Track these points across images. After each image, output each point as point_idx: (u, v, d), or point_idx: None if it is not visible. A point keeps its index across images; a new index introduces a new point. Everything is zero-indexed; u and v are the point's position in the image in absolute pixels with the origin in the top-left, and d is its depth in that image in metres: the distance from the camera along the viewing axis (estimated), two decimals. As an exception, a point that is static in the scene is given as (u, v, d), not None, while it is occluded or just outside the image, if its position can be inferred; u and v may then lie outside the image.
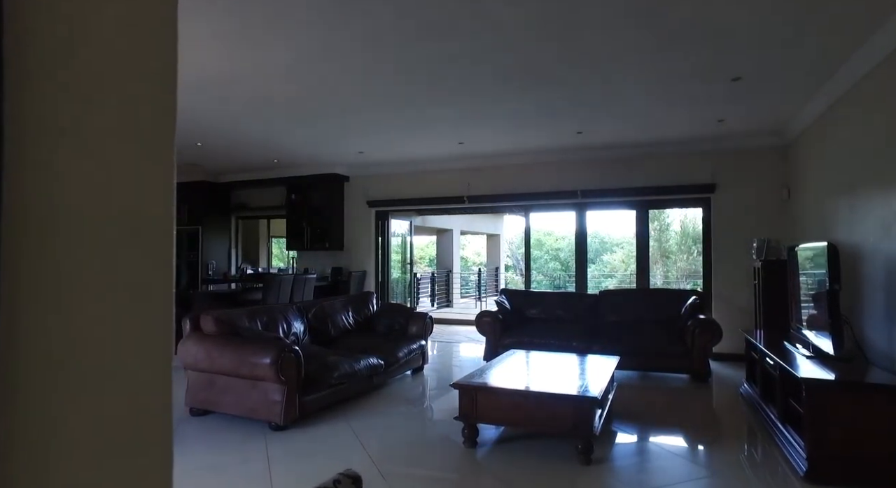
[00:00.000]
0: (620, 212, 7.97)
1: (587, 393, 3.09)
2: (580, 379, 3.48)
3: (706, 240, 6.40)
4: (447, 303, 12.40)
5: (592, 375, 3.57)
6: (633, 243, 7.31)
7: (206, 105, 4.74)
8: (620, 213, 17.38)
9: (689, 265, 13.84)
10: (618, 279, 16.30)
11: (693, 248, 13.72)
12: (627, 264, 15.90)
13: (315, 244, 7.99)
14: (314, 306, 5.12)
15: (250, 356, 3.62)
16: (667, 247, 15.39)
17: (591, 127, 5.58)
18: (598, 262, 23.95)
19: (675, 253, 14.91)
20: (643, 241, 6.88)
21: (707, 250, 6.39)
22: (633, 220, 6.92)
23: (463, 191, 7.45)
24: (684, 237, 14.28)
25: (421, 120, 5.27)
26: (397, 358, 4.88)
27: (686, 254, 13.92)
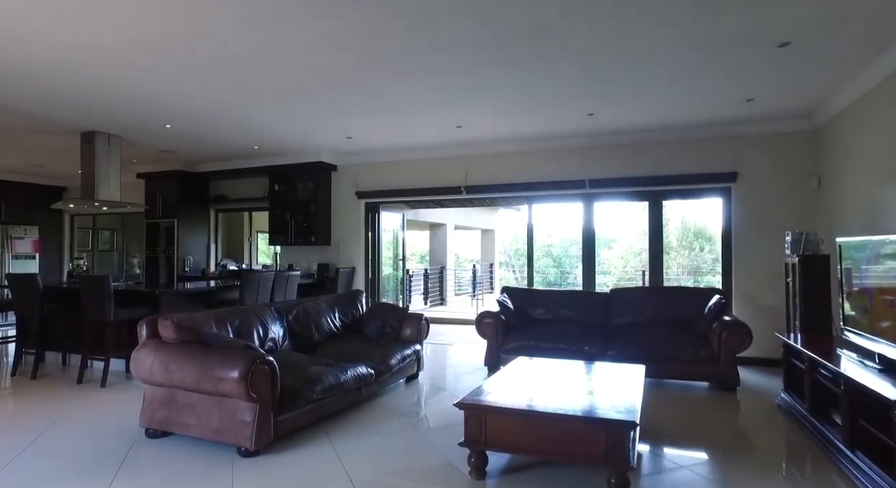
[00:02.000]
0: (625, 204, 7.42)
1: (623, 416, 2.55)
2: (608, 396, 2.93)
3: (726, 233, 5.89)
4: (441, 301, 11.85)
5: (621, 390, 3.03)
6: (631, 238, 6.78)
7: (165, 75, 4.13)
8: (623, 206, 16.93)
9: (690, 261, 13.39)
10: (616, 276, 15.82)
11: (695, 244, 13.28)
12: (626, 260, 15.43)
13: (300, 238, 7.39)
14: (296, 307, 4.54)
15: (215, 369, 3.04)
16: (667, 243, 14.94)
17: (604, 108, 5.04)
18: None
19: (675, 248, 14.45)
20: (656, 236, 6.36)
21: (727, 245, 5.88)
22: (633, 213, 6.47)
23: (460, 180, 6.89)
24: (685, 232, 13.82)
25: (416, 95, 4.69)
26: (390, 366, 4.32)
27: (688, 249, 13.46)
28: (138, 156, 7.31)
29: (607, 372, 3.56)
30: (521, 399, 2.91)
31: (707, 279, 13.75)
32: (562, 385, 3.25)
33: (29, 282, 5.09)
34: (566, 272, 20.63)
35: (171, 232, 8.01)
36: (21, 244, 9.23)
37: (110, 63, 3.80)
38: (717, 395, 4.46)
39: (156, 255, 8.16)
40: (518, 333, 5.29)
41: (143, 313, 4.95)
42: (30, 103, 4.79)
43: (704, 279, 13.60)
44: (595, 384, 3.25)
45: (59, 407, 4.11)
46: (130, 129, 5.76)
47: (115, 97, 4.63)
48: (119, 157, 6.10)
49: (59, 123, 5.46)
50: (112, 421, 3.75)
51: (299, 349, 4.30)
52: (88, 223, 10.14)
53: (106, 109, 5.00)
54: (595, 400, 2.88)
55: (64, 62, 3.78)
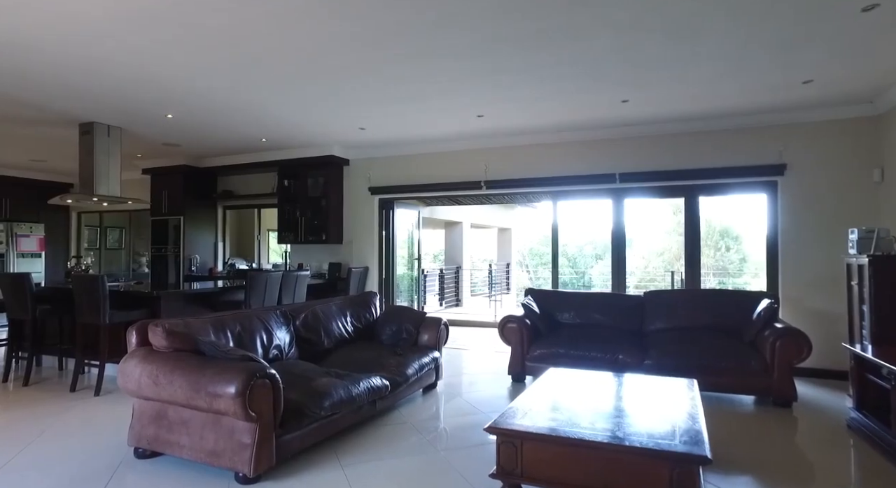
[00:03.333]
0: (649, 201, 6.91)
1: (693, 449, 2.11)
2: (665, 419, 2.49)
3: (771, 232, 5.39)
4: (457, 302, 11.43)
5: (678, 411, 2.59)
6: (653, 237, 6.29)
7: (159, 53, 3.75)
8: (644, 203, 16.39)
9: (716, 262, 12.82)
10: (637, 277, 15.29)
11: (721, 243, 12.71)
12: (648, 261, 14.89)
13: (310, 236, 7.01)
14: (304, 311, 4.15)
15: (208, 383, 2.65)
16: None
17: (640, 94, 4.58)
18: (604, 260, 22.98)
19: (699, 248, 13.87)
20: (692, 234, 5.88)
21: (772, 244, 5.38)
22: (655, 211, 6.01)
23: (480, 175, 6.46)
24: (710, 231, 13.25)
25: (433, 80, 4.27)
26: (406, 376, 3.91)
27: (713, 249, 12.88)
28: (142, 150, 6.99)
29: (655, 387, 3.12)
30: (563, 422, 2.48)
31: (734, 281, 13.17)
32: (607, 404, 2.81)
33: (19, 281, 4.77)
34: (581, 272, 20.15)
35: (178, 229, 7.69)
36: (26, 242, 8.97)
37: (98, 39, 3.44)
38: (770, 411, 3.99)
39: (163, 254, 7.85)
40: (545, 340, 4.86)
41: (140, 316, 4.61)
42: (15, 85, 4.45)
43: (731, 281, 13.03)
44: (645, 403, 2.81)
45: (46, 420, 3.76)
46: (130, 119, 5.42)
47: (106, 79, 4.27)
48: (120, 150, 5.77)
49: (54, 112, 5.13)
50: (101, 437, 3.40)
51: (307, 357, 3.91)
52: (96, 221, 9.88)
53: (100, 95, 4.65)
54: (651, 424, 2.44)
55: (44, 33, 3.43)
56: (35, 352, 4.93)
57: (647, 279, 14.64)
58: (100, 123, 5.51)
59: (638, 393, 3.02)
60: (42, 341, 5.23)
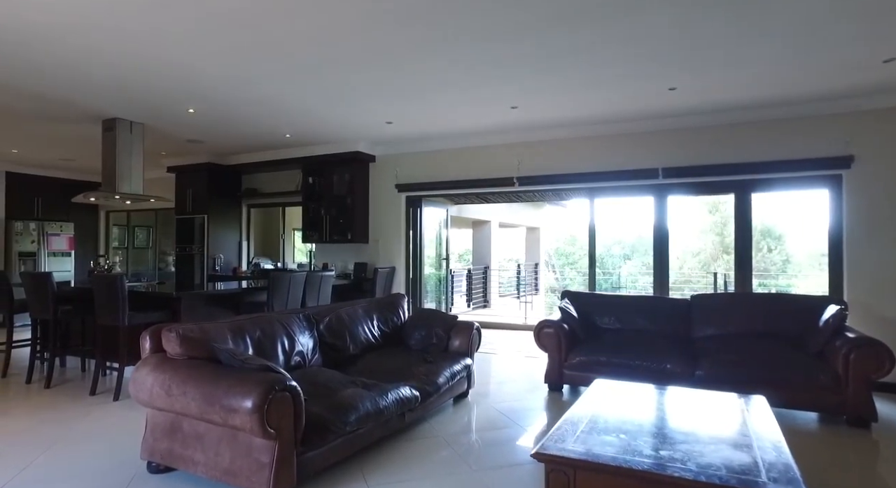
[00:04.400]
0: (698, 198, 6.43)
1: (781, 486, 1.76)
2: (742, 445, 2.14)
3: (834, 230, 4.93)
4: (485, 303, 11.10)
5: (755, 436, 2.23)
6: (687, 237, 5.85)
7: (175, 39, 3.55)
8: (679, 201, 15.80)
9: (757, 263, 12.20)
10: (671, 278, 14.70)
11: (762, 244, 12.07)
12: (682, 261, 14.30)
13: (335, 236, 6.79)
14: (329, 314, 3.90)
15: (223, 396, 2.41)
16: (726, 244, 13.75)
17: (691, 81, 4.20)
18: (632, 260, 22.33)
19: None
20: (744, 234, 5.45)
21: (835, 244, 4.92)
22: (690, 210, 5.59)
23: (512, 171, 6.13)
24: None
25: (467, 68, 3.97)
26: (437, 385, 3.62)
27: (754, 250, 12.27)
28: (166, 147, 6.88)
29: (718, 404, 2.76)
30: (622, 448, 2.15)
31: (775, 283, 12.52)
32: (669, 424, 2.47)
33: (40, 281, 4.65)
34: (609, 273, 19.63)
35: (202, 228, 7.57)
36: (57, 241, 9.00)
37: (116, 27, 3.25)
38: (844, 433, 3.56)
39: (188, 253, 7.74)
40: (584, 346, 4.51)
41: (159, 318, 4.44)
42: (37, 79, 4.32)
43: (773, 283, 12.38)
44: (712, 424, 2.45)
45: (62, 426, 3.60)
46: (152, 115, 5.27)
47: (126, 71, 4.10)
48: (142, 147, 5.64)
49: (77, 108, 5.01)
50: (115, 448, 3.21)
51: (332, 364, 3.66)
52: (124, 220, 9.89)
53: (120, 89, 4.49)
54: (727, 453, 2.09)
55: (63, 24, 3.25)
56: (56, 353, 4.80)
57: (682, 280, 14.05)
58: (122, 119, 5.37)
59: (700, 412, 2.66)
60: (66, 342, 5.13)
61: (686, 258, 14.33)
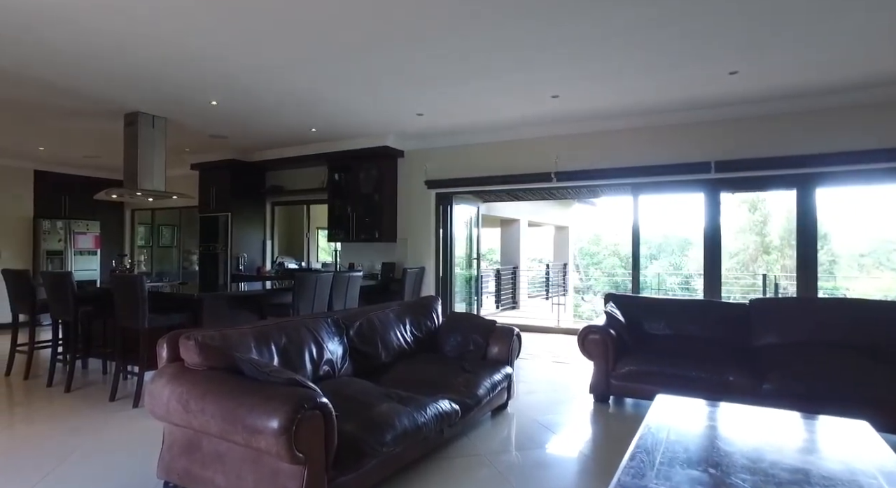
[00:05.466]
0: (751, 195, 5.95)
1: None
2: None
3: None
4: (513, 304, 10.74)
5: (881, 475, 1.85)
6: (724, 236, 5.37)
7: (195, 25, 3.30)
8: (728, 198, 15.14)
9: (801, 263, 11.53)
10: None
11: (807, 243, 11.39)
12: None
13: (362, 234, 6.53)
14: (359, 319, 3.61)
15: (246, 415, 2.13)
16: (767, 242, 13.09)
17: (753, 63, 3.80)
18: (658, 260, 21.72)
19: (778, 248, 12.60)
20: (806, 233, 5.00)
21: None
22: (736, 207, 5.19)
23: (549, 166, 5.78)
24: (792, 230, 11.96)
25: (508, 52, 3.64)
26: (478, 398, 3.30)
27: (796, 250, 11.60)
28: (190, 144, 6.70)
29: (813, 430, 2.37)
30: (716, 485, 1.79)
31: (823, 285, 11.80)
32: (765, 456, 2.08)
33: (61, 280, 4.48)
34: None
35: (226, 227, 7.40)
36: (83, 239, 8.95)
37: (134, 12, 3.01)
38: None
39: (212, 252, 7.58)
40: (634, 354, 4.14)
41: (180, 320, 4.22)
42: (58, 69, 4.13)
43: (821, 285, 11.65)
44: (820, 457, 2.07)
45: (79, 436, 3.40)
46: (174, 108, 5.07)
47: (145, 61, 3.88)
48: (164, 142, 5.45)
49: (99, 101, 4.84)
50: (133, 462, 2.98)
51: (363, 373, 3.37)
52: (148, 218, 9.82)
53: (141, 79, 4.29)
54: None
55: (79, 8, 3.02)
56: (76, 355, 4.63)
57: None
58: (144, 114, 5.19)
59: (796, 439, 2.29)
60: (88, 343, 4.97)
61: (724, 258, 13.74)
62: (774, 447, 2.14)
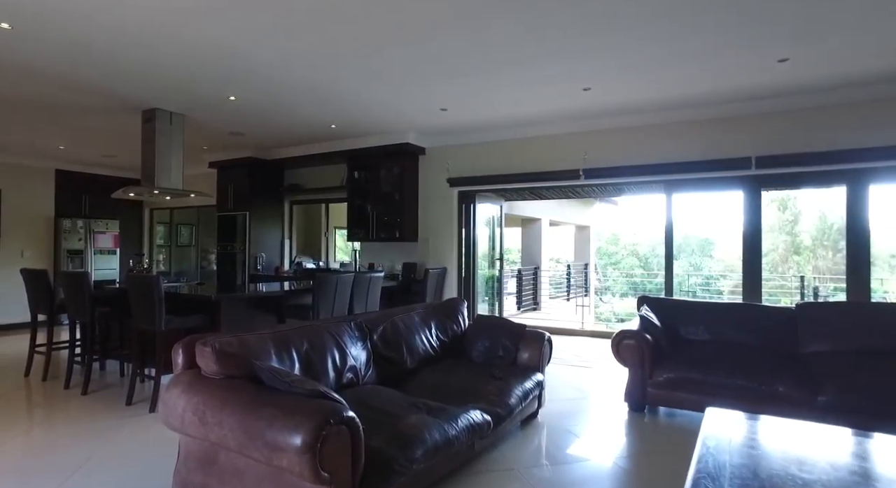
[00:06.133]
0: (780, 193, 5.63)
1: None
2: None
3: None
4: (534, 305, 10.50)
5: None
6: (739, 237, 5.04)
7: (221, 21, 3.14)
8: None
9: (834, 265, 11.10)
10: (732, 281, 13.67)
11: (842, 244, 10.96)
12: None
13: (382, 234, 6.36)
14: (383, 322, 3.43)
15: (266, 429, 1.95)
16: (797, 242, 12.64)
17: (809, 47, 3.52)
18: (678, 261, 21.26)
19: (809, 249, 12.15)
20: (858, 233, 4.69)
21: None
22: (763, 205, 4.84)
23: (577, 162, 5.54)
24: (825, 229, 11.51)
25: (540, 40, 3.43)
26: (510, 408, 3.10)
27: (831, 250, 11.15)
28: (208, 141, 6.60)
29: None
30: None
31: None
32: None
33: (78, 280, 4.38)
34: (652, 274, 18.65)
35: (244, 226, 7.29)
36: (103, 239, 8.94)
37: (151, 5, 2.87)
38: None
39: (230, 251, 7.48)
40: (672, 361, 3.90)
41: (197, 322, 4.09)
42: (78, 64, 4.02)
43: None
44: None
45: (95, 442, 3.27)
46: (192, 104, 4.94)
47: (164, 56, 3.74)
48: (182, 139, 5.34)
49: (117, 98, 4.73)
50: (148, 472, 2.84)
51: (387, 380, 3.19)
52: (167, 217, 9.79)
53: (159, 74, 4.16)
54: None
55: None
56: (92, 357, 4.53)
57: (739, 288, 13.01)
58: (161, 110, 5.08)
59: (884, 464, 2.03)
60: (105, 345, 4.87)
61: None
62: (862, 473, 1.90)
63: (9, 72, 4.03)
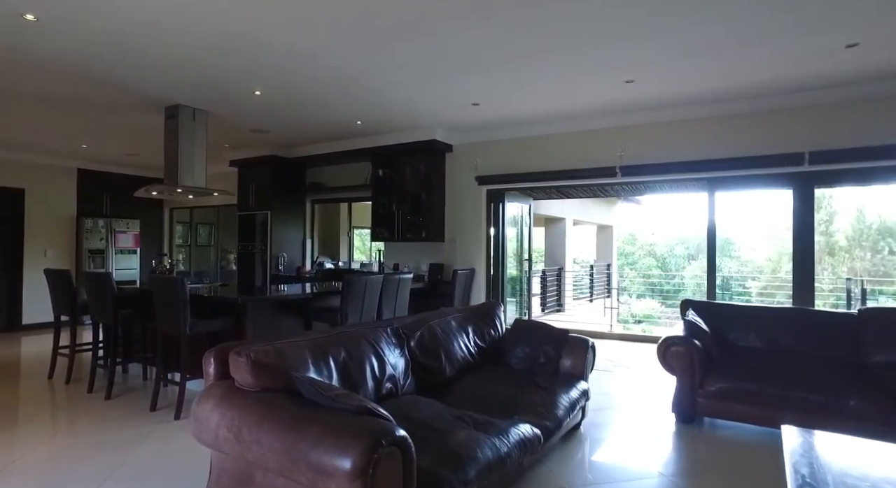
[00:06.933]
0: (816, 192, 5.31)
1: None
2: None
3: None
4: (558, 307, 10.25)
5: None
6: (775, 237, 4.77)
7: (248, 9, 2.97)
8: (754, 197, 14.21)
9: (872, 266, 10.66)
10: (758, 283, 13.28)
11: (881, 244, 10.53)
12: (776, 264, 12.84)
13: (408, 234, 6.17)
14: (419, 328, 3.23)
15: (310, 449, 1.76)
16: (831, 242, 12.20)
17: (878, 31, 3.25)
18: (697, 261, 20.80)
19: (844, 249, 11.72)
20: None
21: None
22: (772, 207, 4.56)
23: (612, 159, 5.30)
24: (863, 229, 11.07)
25: (587, 27, 3.21)
26: (559, 419, 2.88)
27: (870, 250, 10.70)
28: (230, 139, 6.47)
29: None
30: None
31: (885, 288, 10.92)
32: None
33: (101, 281, 4.25)
34: (670, 274, 18.25)
35: (264, 225, 7.15)
36: (123, 238, 8.88)
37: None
38: None
39: (250, 252, 7.35)
40: (725, 370, 3.64)
41: (223, 325, 3.93)
42: (93, 58, 3.89)
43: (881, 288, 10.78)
44: None
45: (119, 453, 3.12)
46: (216, 99, 4.79)
47: (181, 46, 3.58)
48: (206, 136, 5.20)
49: (140, 93, 4.60)
50: (177, 486, 2.67)
51: (426, 390, 2.99)
52: (186, 217, 9.71)
53: (183, 66, 4.01)
54: None
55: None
56: (116, 360, 4.39)
57: (775, 285, 12.64)
58: (185, 106, 4.94)
59: None
60: (127, 347, 4.75)
61: (779, 261, 12.86)
62: None
63: (34, 67, 3.92)
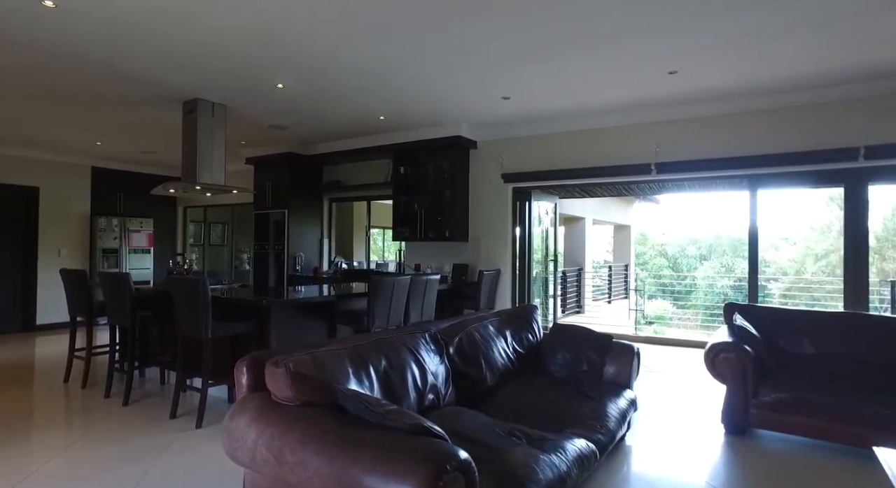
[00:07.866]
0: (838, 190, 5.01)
1: None
2: None
3: None
4: (578, 308, 10.02)
5: None
6: (809, 237, 4.50)
7: None
8: (792, 195, 13.84)
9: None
10: (783, 284, 12.94)
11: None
12: (800, 264, 12.49)
13: (431, 233, 5.96)
14: (458, 333, 3.02)
15: (364, 475, 1.56)
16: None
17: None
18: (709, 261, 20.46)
19: (874, 250, 11.34)
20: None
21: None
22: (815, 203, 4.38)
23: (648, 156, 5.06)
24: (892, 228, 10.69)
25: (632, 13, 2.98)
26: (611, 432, 2.66)
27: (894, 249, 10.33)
28: (247, 135, 6.30)
29: None
30: None
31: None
32: None
33: (119, 282, 4.09)
34: (682, 275, 17.92)
35: (280, 225, 6.98)
36: (137, 237, 8.75)
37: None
38: None
39: (265, 251, 7.19)
40: (781, 378, 3.41)
41: (245, 329, 3.75)
42: (109, 51, 3.72)
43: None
44: None
45: (140, 464, 2.94)
46: (237, 92, 4.60)
47: (200, 34, 3.40)
48: (224, 132, 5.03)
49: (159, 86, 4.43)
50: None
51: (466, 400, 2.78)
52: (200, 216, 9.57)
53: (204, 56, 3.83)
54: None
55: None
56: (133, 365, 4.23)
57: (800, 287, 12.29)
58: (204, 100, 4.77)
59: None
60: (145, 351, 4.59)
61: (806, 261, 12.51)
62: None
63: (51, 61, 3.77)
